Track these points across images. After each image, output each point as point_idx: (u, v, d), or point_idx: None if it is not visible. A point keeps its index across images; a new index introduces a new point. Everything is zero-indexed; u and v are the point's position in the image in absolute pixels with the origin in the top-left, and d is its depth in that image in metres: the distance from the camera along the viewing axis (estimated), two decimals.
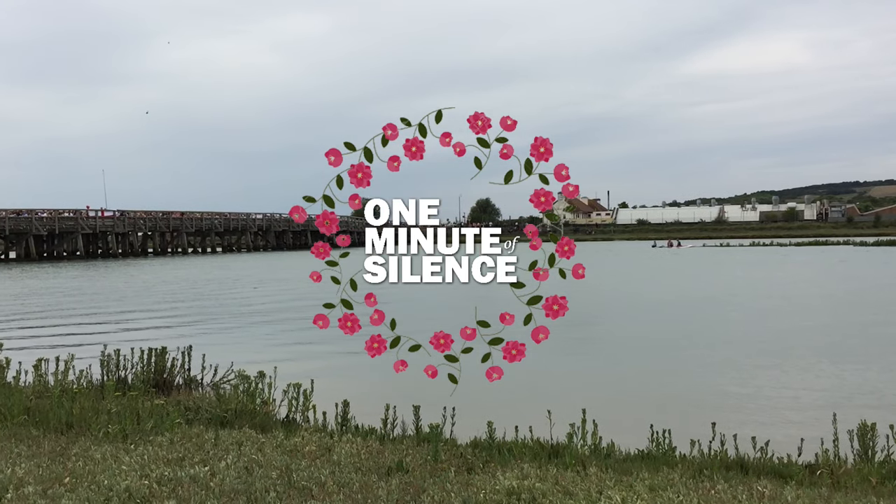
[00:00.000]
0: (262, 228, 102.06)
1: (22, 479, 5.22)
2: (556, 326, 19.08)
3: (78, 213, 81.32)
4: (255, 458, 5.94)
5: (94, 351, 11.63)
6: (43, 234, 77.64)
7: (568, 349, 15.89)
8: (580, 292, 29.66)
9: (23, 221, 75.84)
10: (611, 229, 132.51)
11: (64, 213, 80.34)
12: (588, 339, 17.27)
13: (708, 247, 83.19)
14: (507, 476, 5.36)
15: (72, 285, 38.26)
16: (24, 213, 76.81)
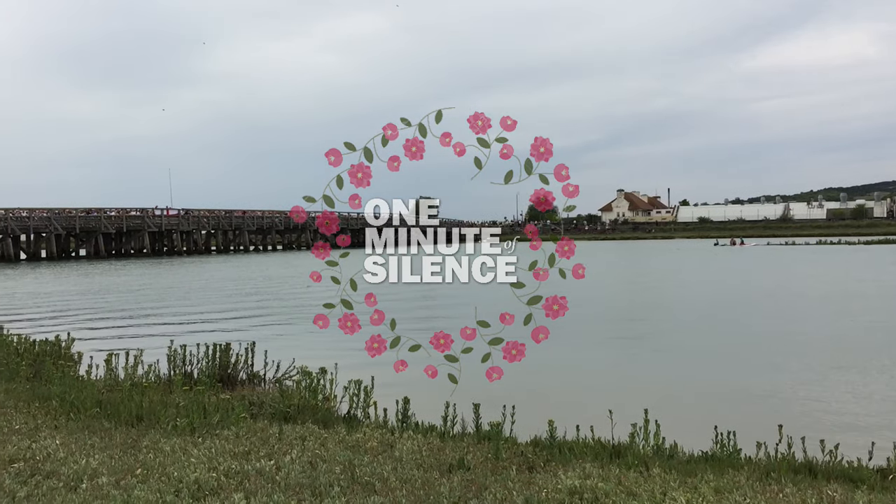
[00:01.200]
0: None
1: (96, 469, 5.39)
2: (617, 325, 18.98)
3: (145, 211, 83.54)
4: (319, 453, 6.03)
5: (162, 346, 11.93)
6: (111, 233, 79.99)
7: (628, 348, 15.72)
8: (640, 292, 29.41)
9: (92, 220, 78.27)
10: (671, 227, 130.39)
11: (131, 211, 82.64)
12: (648, 339, 17.04)
13: (772, 245, 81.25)
14: (569, 475, 5.33)
15: (139, 282, 39.33)
16: (94, 212, 79.26)
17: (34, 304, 27.30)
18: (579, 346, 16.27)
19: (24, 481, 5.08)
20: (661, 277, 39.01)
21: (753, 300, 25.96)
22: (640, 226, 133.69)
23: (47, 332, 14.68)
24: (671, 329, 18.86)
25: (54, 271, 52.02)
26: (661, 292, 30.05)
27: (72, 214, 77.15)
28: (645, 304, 25.34)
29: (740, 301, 25.76)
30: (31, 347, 12.28)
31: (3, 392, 8.79)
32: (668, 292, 29.95)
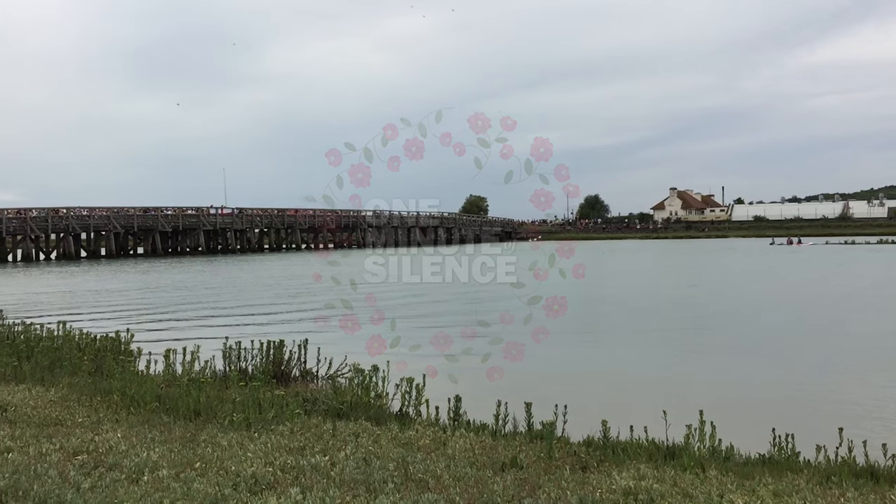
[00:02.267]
0: (373, 225, 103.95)
1: (156, 462, 5.52)
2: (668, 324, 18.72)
3: (200, 210, 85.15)
4: (372, 450, 6.08)
5: (217, 342, 12.14)
6: (168, 231, 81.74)
7: (679, 348, 15.51)
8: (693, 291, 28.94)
9: (150, 219, 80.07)
10: (725, 226, 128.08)
11: (187, 210, 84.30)
12: (701, 338, 16.79)
13: (831, 245, 79.29)
14: (623, 476, 5.29)
15: (195, 280, 40.11)
16: (151, 211, 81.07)
17: (94, 301, 28.04)
18: (629, 345, 16.11)
19: (87, 473, 5.23)
20: (714, 276, 38.39)
21: (810, 300, 25.39)
22: (692, 224, 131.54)
23: (107, 328, 15.06)
24: (724, 328, 18.55)
25: (113, 269, 53.36)
26: (715, 292, 29.56)
27: (130, 213, 79.05)
28: (697, 303, 24.97)
29: (797, 301, 25.21)
30: (93, 343, 12.63)
31: (66, 386, 9.05)
32: (722, 291, 29.45)
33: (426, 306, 24.59)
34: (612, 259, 59.87)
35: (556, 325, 19.66)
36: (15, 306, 24.08)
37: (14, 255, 73.04)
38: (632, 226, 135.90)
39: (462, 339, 17.58)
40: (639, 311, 22.76)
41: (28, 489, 4.73)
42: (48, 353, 11.54)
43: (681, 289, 31.20)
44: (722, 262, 51.30)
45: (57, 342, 12.63)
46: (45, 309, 24.28)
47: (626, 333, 18.02)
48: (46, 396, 8.31)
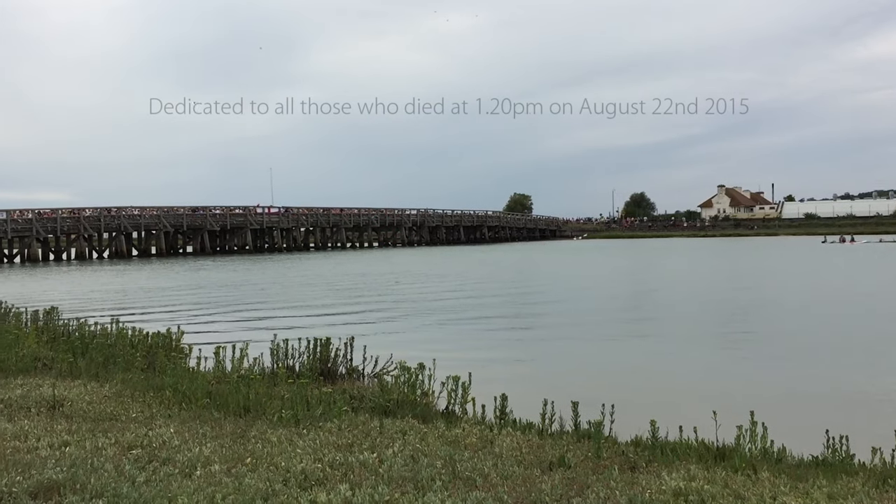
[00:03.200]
0: (417, 224, 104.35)
1: (208, 457, 5.62)
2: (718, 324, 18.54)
3: (247, 209, 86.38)
4: (420, 448, 6.10)
5: (265, 339, 12.31)
6: (216, 230, 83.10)
7: (731, 347, 15.28)
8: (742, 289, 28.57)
9: (198, 218, 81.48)
10: (775, 224, 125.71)
11: (235, 210, 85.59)
12: (752, 338, 16.52)
13: (885, 242, 77.30)
14: (673, 476, 5.23)
15: (243, 278, 40.69)
16: (200, 211, 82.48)
17: (146, 299, 28.62)
18: (676, 344, 15.93)
19: (142, 467, 5.34)
20: (764, 275, 37.73)
21: (864, 299, 24.81)
22: (741, 222, 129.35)
23: (159, 326, 15.35)
24: (774, 328, 18.23)
25: (163, 267, 54.40)
26: (764, 290, 29.06)
27: (179, 212, 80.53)
28: (747, 302, 24.56)
29: (851, 299, 24.66)
30: (145, 340, 12.88)
31: (120, 382, 9.26)
32: (771, 290, 28.94)
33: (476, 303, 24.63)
34: (660, 257, 59.22)
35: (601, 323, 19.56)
36: (70, 304, 24.69)
37: (68, 253, 74.99)
38: (678, 224, 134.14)
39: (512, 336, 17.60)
40: (687, 310, 22.49)
41: (85, 482, 4.85)
42: (102, 349, 11.80)
43: (730, 287, 30.74)
44: (772, 260, 50.40)
45: (110, 339, 12.92)
46: (98, 306, 24.85)
47: (673, 332, 17.81)
48: (101, 392, 8.51)
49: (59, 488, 4.75)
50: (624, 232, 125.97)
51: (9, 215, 69.70)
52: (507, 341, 16.87)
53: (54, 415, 7.25)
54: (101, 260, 72.83)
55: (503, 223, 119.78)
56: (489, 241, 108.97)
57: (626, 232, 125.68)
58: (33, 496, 4.62)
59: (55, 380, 9.08)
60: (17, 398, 7.82)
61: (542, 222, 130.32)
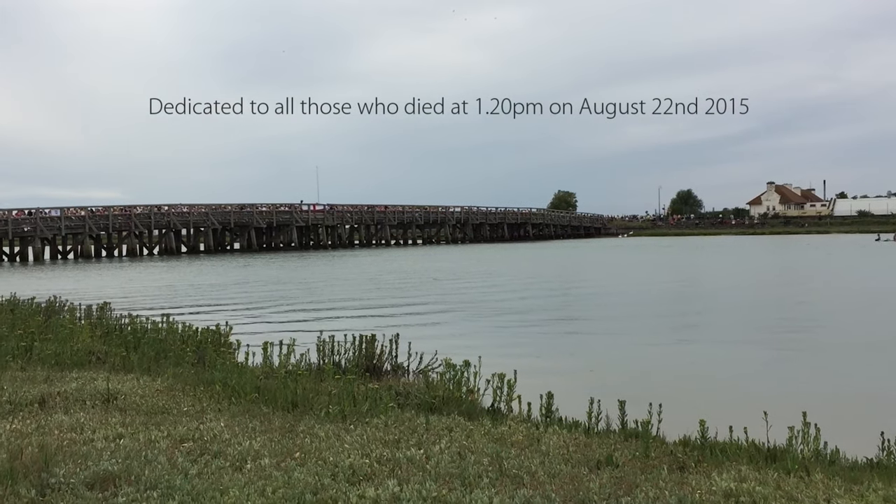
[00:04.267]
0: (461, 221, 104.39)
1: (258, 451, 5.70)
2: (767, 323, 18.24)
3: (293, 207, 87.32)
4: (466, 444, 6.11)
5: (311, 335, 12.43)
6: (263, 227, 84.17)
7: (780, 346, 15.01)
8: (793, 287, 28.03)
9: (245, 215, 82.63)
10: (827, 221, 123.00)
11: (281, 207, 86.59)
12: (802, 337, 16.21)
13: None
14: (724, 477, 5.16)
15: (290, 275, 41.15)
16: (247, 208, 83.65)
17: (195, 295, 29.12)
18: (724, 343, 15.70)
19: (194, 460, 5.44)
20: (813, 273, 36.98)
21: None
22: (791, 220, 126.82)
23: (208, 321, 15.62)
24: (823, 327, 17.86)
25: (212, 264, 55.27)
26: (814, 288, 28.48)
27: (227, 210, 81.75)
28: (796, 300, 24.10)
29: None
30: (194, 335, 13.11)
31: (171, 376, 9.43)
32: (822, 288, 28.35)
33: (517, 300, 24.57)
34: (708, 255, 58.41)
35: (646, 322, 19.36)
36: (122, 299, 25.22)
37: (119, 250, 76.64)
38: (726, 221, 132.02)
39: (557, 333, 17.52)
40: (735, 308, 22.15)
41: (140, 474, 4.95)
42: (154, 344, 12.03)
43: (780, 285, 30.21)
44: (823, 258, 49.36)
45: (161, 334, 13.18)
46: (149, 302, 25.36)
47: (721, 331, 17.57)
48: (153, 386, 8.67)
49: (114, 479, 4.86)
50: (670, 229, 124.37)
51: (63, 213, 71.50)
52: (552, 339, 16.80)
53: (108, 408, 7.41)
54: (151, 256, 74.27)
55: (547, 221, 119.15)
56: (533, 239, 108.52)
57: (673, 229, 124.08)
58: (90, 487, 4.74)
59: (109, 373, 9.28)
60: (72, 391, 8.02)
61: (586, 220, 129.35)
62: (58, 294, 19.69)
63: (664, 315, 21.19)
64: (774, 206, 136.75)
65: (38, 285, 33.28)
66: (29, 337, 11.88)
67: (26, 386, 8.27)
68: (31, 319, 14.69)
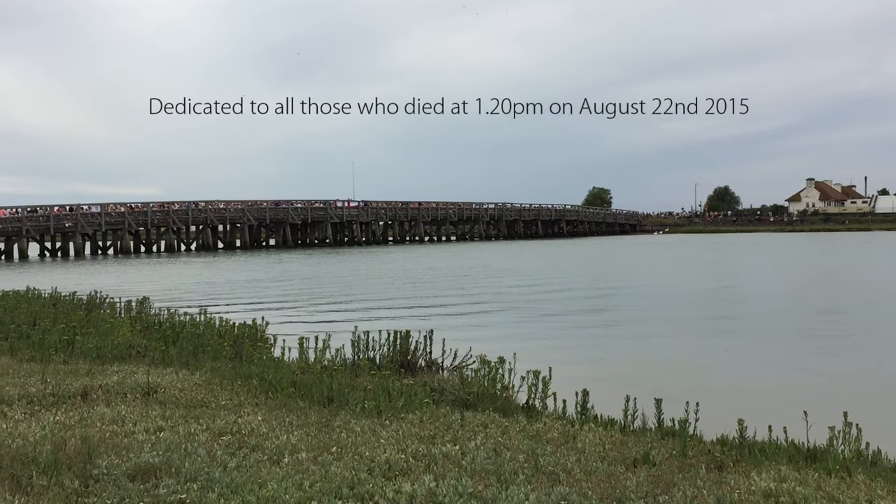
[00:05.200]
0: (494, 218, 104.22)
1: (295, 445, 5.75)
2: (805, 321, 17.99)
3: (327, 203, 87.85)
4: (501, 441, 6.11)
5: (345, 330, 12.50)
6: (298, 223, 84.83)
7: (822, 347, 14.78)
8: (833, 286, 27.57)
9: (281, 212, 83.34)
10: (868, 219, 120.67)
11: (315, 203, 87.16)
12: (841, 336, 15.94)
13: None
14: (763, 477, 5.09)
15: (326, 270, 41.43)
16: (282, 204, 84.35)
17: (231, 290, 29.46)
18: (760, 341, 15.50)
19: (232, 453, 5.51)
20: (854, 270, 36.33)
21: None
22: (832, 217, 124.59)
23: (244, 316, 15.78)
24: (862, 326, 17.54)
25: (248, 259, 55.84)
26: (853, 286, 27.97)
27: (263, 206, 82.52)
28: (835, 299, 23.70)
29: None
30: (232, 330, 13.28)
31: (209, 370, 9.55)
32: (861, 286, 27.84)
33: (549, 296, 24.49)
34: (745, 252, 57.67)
35: (681, 319, 19.17)
36: (160, 294, 25.59)
37: (158, 245, 77.79)
38: (764, 219, 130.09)
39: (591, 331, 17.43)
40: (773, 306, 21.85)
41: (180, 466, 5.03)
42: (192, 338, 12.20)
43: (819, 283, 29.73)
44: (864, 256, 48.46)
45: (199, 329, 13.36)
46: (186, 297, 25.69)
47: (757, 329, 17.34)
48: (192, 379, 8.79)
49: (155, 471, 4.94)
50: (707, 226, 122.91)
51: (103, 209, 72.73)
52: (586, 336, 16.72)
53: (149, 401, 7.53)
54: (189, 252, 75.23)
55: (582, 217, 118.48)
56: (567, 236, 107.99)
57: (710, 226, 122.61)
58: (132, 478, 4.82)
59: (149, 367, 9.43)
60: (113, 384, 8.16)
61: (621, 216, 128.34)
62: (98, 289, 20.04)
63: (700, 313, 20.98)
64: (814, 203, 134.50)
65: (79, 280, 33.90)
66: (71, 331, 12.12)
67: (69, 379, 8.43)
68: (73, 314, 14.97)
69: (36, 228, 68.70)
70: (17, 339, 11.88)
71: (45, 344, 11.08)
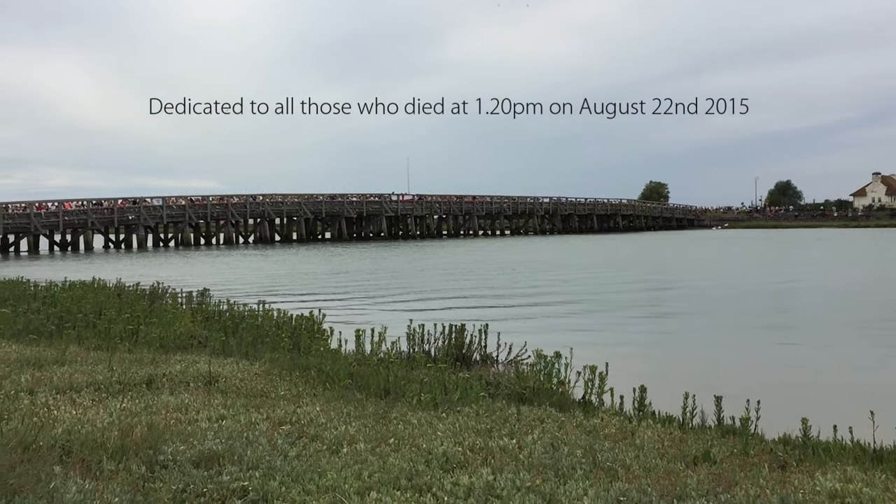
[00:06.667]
0: (549, 212, 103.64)
1: (353, 436, 5.81)
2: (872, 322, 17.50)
3: (382, 197, 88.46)
4: (558, 436, 6.09)
5: (399, 323, 12.58)
6: (353, 217, 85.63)
7: (889, 346, 14.35)
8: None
9: (336, 205, 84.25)
10: None
11: (371, 197, 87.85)
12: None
13: None
14: (828, 478, 4.98)
15: (379, 264, 41.74)
16: (338, 198, 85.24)
17: (289, 282, 29.89)
18: (823, 339, 15.11)
19: (292, 442, 5.59)
20: None
21: None
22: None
23: (302, 308, 15.99)
24: None
25: (304, 252, 56.56)
26: None
27: (319, 200, 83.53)
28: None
29: None
30: (289, 321, 13.47)
31: (268, 361, 9.71)
32: None
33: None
34: (808, 248, 56.29)
35: (740, 316, 18.81)
36: (220, 286, 26.09)
37: (217, 238, 79.35)
38: (828, 213, 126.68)
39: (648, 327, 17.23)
40: (836, 303, 21.29)
41: (242, 454, 5.12)
42: (251, 329, 12.41)
43: (884, 280, 28.85)
44: None
45: (258, 320, 13.59)
46: (245, 289, 26.15)
47: (820, 327, 16.92)
48: (251, 370, 8.95)
49: (218, 459, 5.04)
50: (767, 221, 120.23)
51: (165, 202, 74.52)
52: (644, 332, 16.53)
53: (210, 390, 7.69)
54: (247, 244, 76.55)
55: (638, 212, 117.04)
56: (623, 231, 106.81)
57: (770, 221, 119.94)
58: (196, 465, 4.93)
59: (210, 357, 9.62)
60: (177, 373, 8.35)
61: (678, 211, 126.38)
62: (160, 280, 20.52)
63: (760, 310, 20.56)
64: (880, 198, 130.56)
65: (142, 271, 34.77)
66: (135, 321, 12.45)
67: (134, 367, 8.65)
68: (137, 304, 15.38)
69: (101, 221, 70.79)
70: (84, 328, 12.24)
71: (111, 333, 11.39)
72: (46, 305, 14.76)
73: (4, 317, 12.74)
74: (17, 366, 8.59)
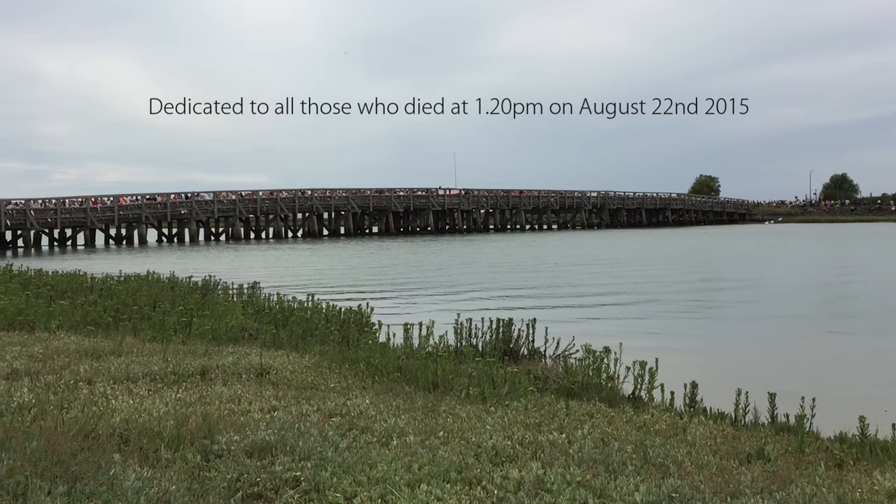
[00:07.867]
0: (597, 206, 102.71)
1: (403, 429, 5.85)
2: None
3: (429, 191, 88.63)
4: (608, 431, 6.05)
5: (448, 317, 12.61)
6: (400, 211, 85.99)
7: None
8: None
9: (384, 199, 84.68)
10: None
11: (417, 192, 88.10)
12: None
13: None
14: (887, 477, 4.86)
15: (427, 259, 41.86)
16: (385, 192, 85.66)
17: (338, 276, 30.15)
18: (880, 338, 14.73)
19: (343, 434, 5.65)
20: None
21: None
22: None
23: (350, 302, 16.13)
24: None
25: (352, 246, 57.00)
26: None
27: (366, 194, 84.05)
28: None
29: None
30: (338, 315, 13.60)
31: (317, 353, 9.82)
32: None
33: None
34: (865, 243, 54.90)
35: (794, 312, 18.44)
36: (270, 279, 26.43)
37: (266, 232, 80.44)
38: (885, 208, 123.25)
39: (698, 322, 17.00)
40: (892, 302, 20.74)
41: (294, 445, 5.20)
42: (301, 322, 12.57)
43: None
44: None
45: (307, 313, 13.74)
46: (294, 282, 26.45)
47: (877, 324, 16.50)
48: (301, 362, 9.06)
49: (271, 449, 5.12)
50: (822, 216, 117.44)
51: (216, 197, 75.79)
52: (694, 327, 16.31)
53: (262, 381, 7.81)
54: (295, 239, 77.41)
55: (688, 206, 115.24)
56: (672, 225, 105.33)
57: (825, 216, 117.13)
58: (249, 455, 5.02)
59: (261, 349, 9.76)
60: (229, 365, 8.49)
61: (729, 205, 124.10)
62: (212, 273, 20.87)
63: (814, 306, 20.13)
64: None
65: (194, 265, 35.43)
66: (188, 313, 12.69)
67: (188, 358, 8.82)
68: (190, 297, 15.67)
69: (154, 215, 72.36)
70: (140, 321, 12.52)
71: (165, 325, 11.63)
72: (103, 298, 15.12)
73: (63, 308, 13.09)
74: (76, 356, 8.83)
